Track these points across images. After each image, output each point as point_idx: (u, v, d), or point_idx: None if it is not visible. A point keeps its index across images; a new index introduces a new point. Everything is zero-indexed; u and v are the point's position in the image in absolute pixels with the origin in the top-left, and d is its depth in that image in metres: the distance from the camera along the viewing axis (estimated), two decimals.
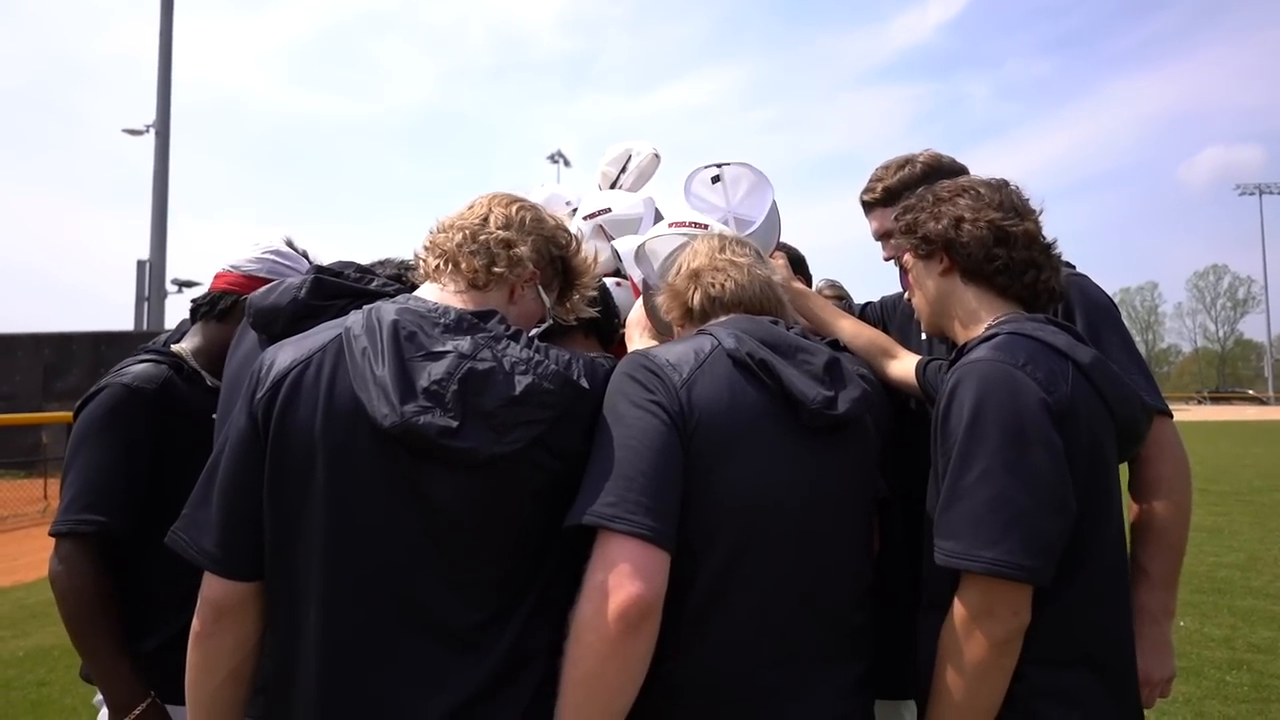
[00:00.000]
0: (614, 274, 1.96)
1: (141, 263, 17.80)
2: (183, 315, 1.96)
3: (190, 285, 18.83)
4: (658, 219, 2.02)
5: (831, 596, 1.23)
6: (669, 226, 1.75)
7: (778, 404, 1.21)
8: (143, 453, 1.64)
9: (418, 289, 1.31)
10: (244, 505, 1.16)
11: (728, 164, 1.91)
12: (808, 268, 2.44)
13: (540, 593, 1.18)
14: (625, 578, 1.05)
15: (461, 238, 1.28)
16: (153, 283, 17.58)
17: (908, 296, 1.56)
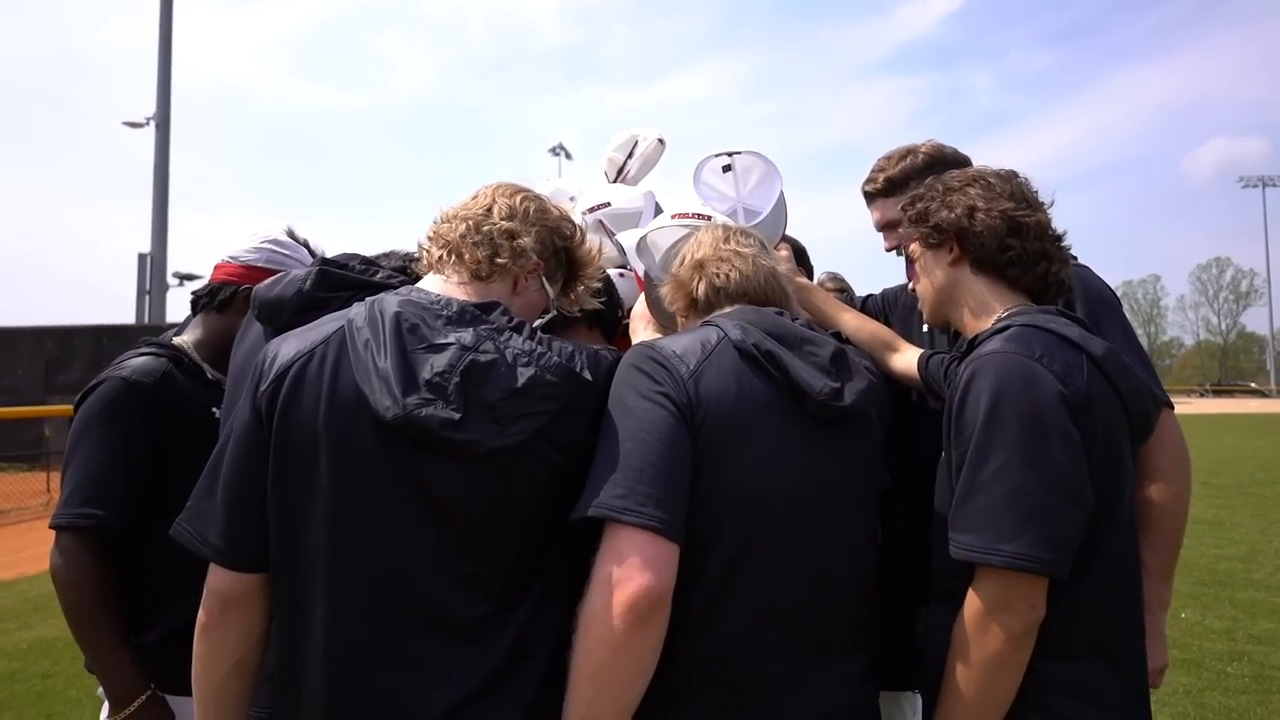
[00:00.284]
0: (618, 266, 1.95)
1: (142, 256, 17.80)
2: (184, 308, 1.96)
3: (191, 278, 18.86)
4: (658, 213, 2.00)
5: (838, 587, 1.23)
6: (671, 218, 1.74)
7: (784, 395, 1.20)
8: (141, 446, 1.64)
9: (421, 280, 1.31)
10: (248, 497, 1.16)
11: (739, 152, 1.89)
12: (809, 260, 2.43)
13: (544, 585, 1.18)
14: (635, 570, 1.05)
15: (465, 228, 1.27)
16: (154, 276, 17.58)
17: (912, 286, 1.55)
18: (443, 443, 1.08)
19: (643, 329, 1.65)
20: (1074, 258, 1.65)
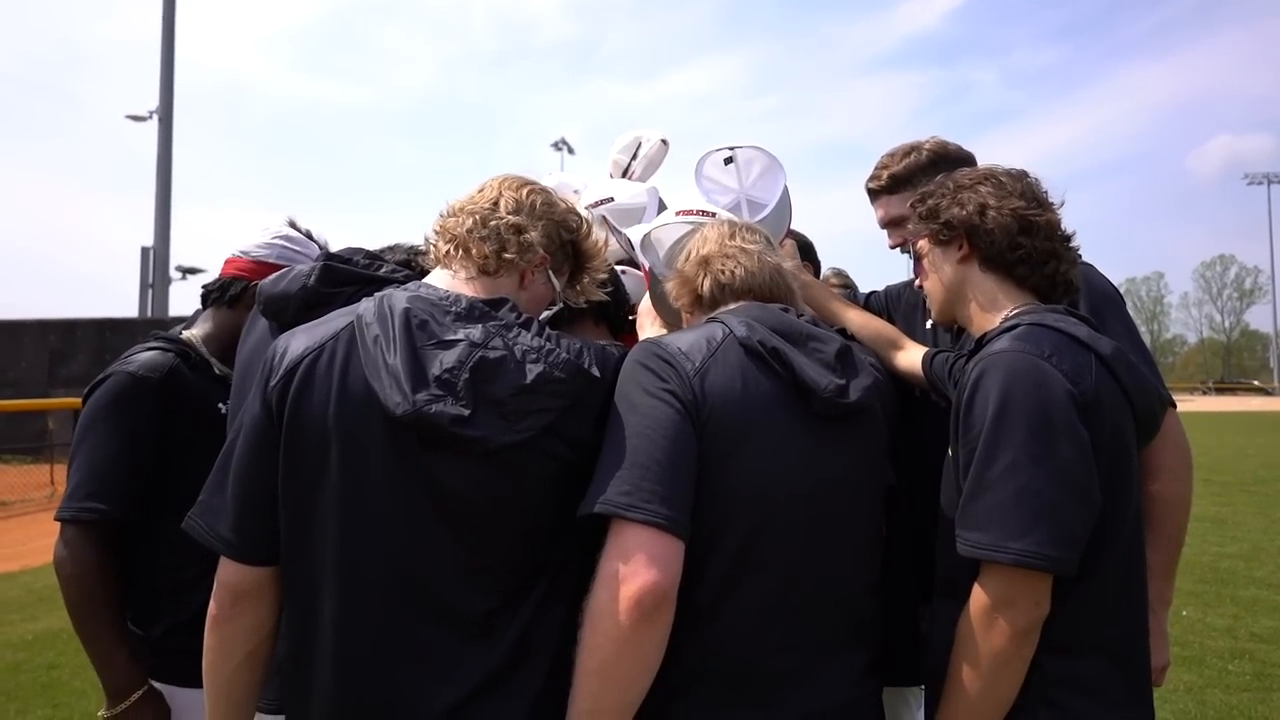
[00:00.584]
0: (624, 261, 1.95)
1: (145, 249, 17.80)
2: (187, 301, 1.96)
3: (194, 272, 18.86)
4: (661, 209, 2.00)
5: (843, 583, 1.24)
6: (676, 215, 1.74)
7: (790, 392, 1.21)
8: (147, 441, 1.65)
9: (428, 274, 1.31)
10: (259, 491, 1.17)
11: (740, 147, 1.89)
12: (815, 255, 2.43)
13: (550, 581, 1.18)
14: (640, 566, 1.06)
15: (472, 223, 1.27)
16: (157, 269, 17.60)
17: (919, 283, 1.55)
18: (452, 439, 1.09)
19: (649, 325, 1.65)
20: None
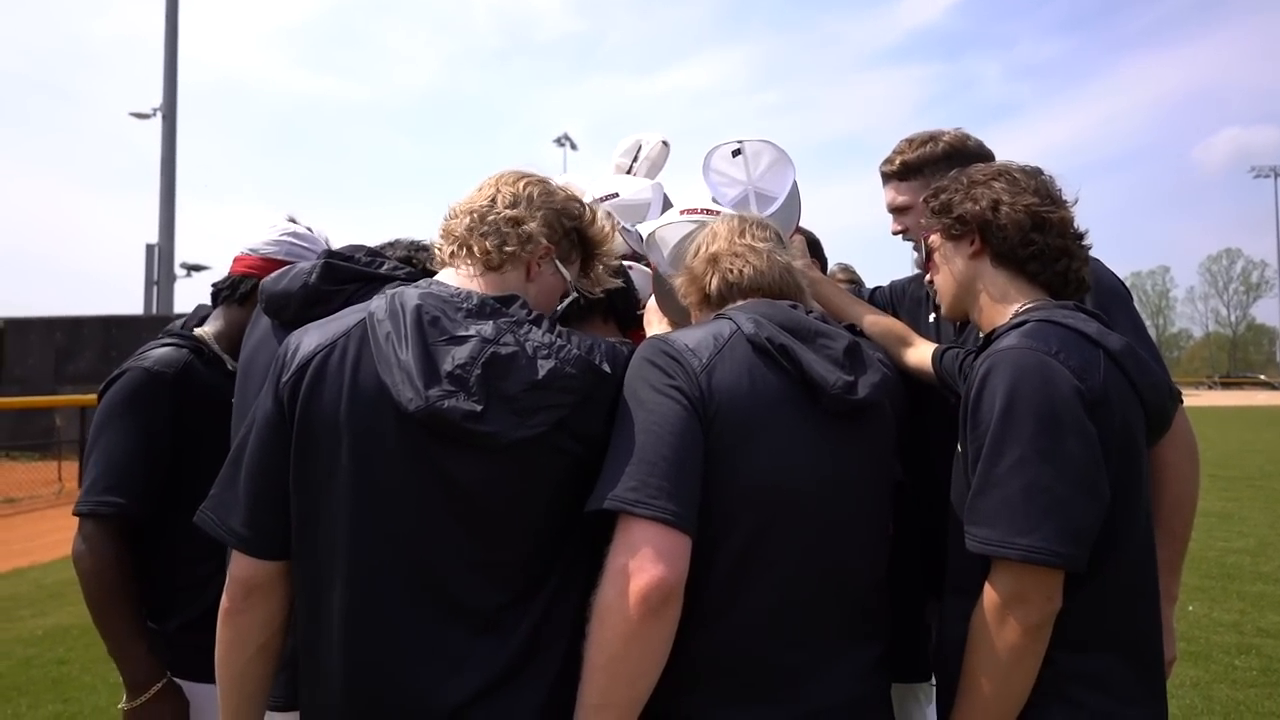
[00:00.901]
0: (631, 257, 1.95)
1: (150, 246, 17.87)
2: (191, 298, 1.98)
3: (199, 269, 18.92)
4: (666, 205, 2.00)
5: (850, 579, 1.24)
6: (680, 214, 1.74)
7: (797, 389, 1.21)
8: (163, 436, 1.66)
9: (429, 271, 1.31)
10: (271, 486, 1.18)
11: (748, 140, 1.89)
12: (823, 252, 2.43)
13: (561, 576, 1.19)
14: (648, 561, 1.06)
15: (471, 221, 1.27)
16: (161, 266, 17.66)
17: (929, 277, 1.55)
18: (464, 434, 1.10)
19: (656, 322, 1.66)
20: None
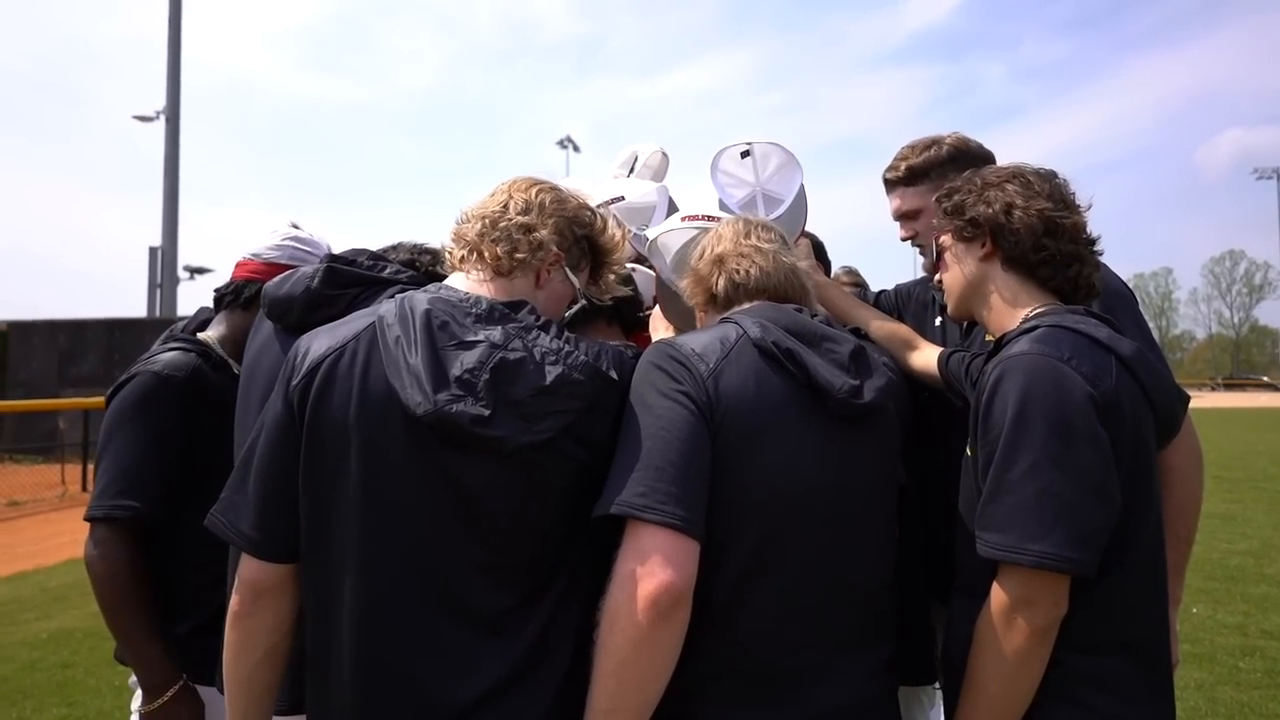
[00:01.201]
0: (635, 259, 1.95)
1: (153, 249, 17.89)
2: (194, 301, 1.98)
3: (202, 271, 18.98)
4: (672, 207, 2.01)
5: (857, 582, 1.25)
6: (682, 220, 1.74)
7: (804, 393, 1.21)
8: (174, 439, 1.67)
9: (431, 275, 1.32)
10: (280, 489, 1.19)
11: (757, 142, 1.89)
12: (826, 255, 2.43)
13: (567, 581, 1.20)
14: (656, 566, 1.07)
15: (482, 226, 1.28)
16: (165, 269, 17.67)
17: (938, 278, 1.54)
18: (472, 439, 1.10)
19: (662, 328, 1.66)
20: None
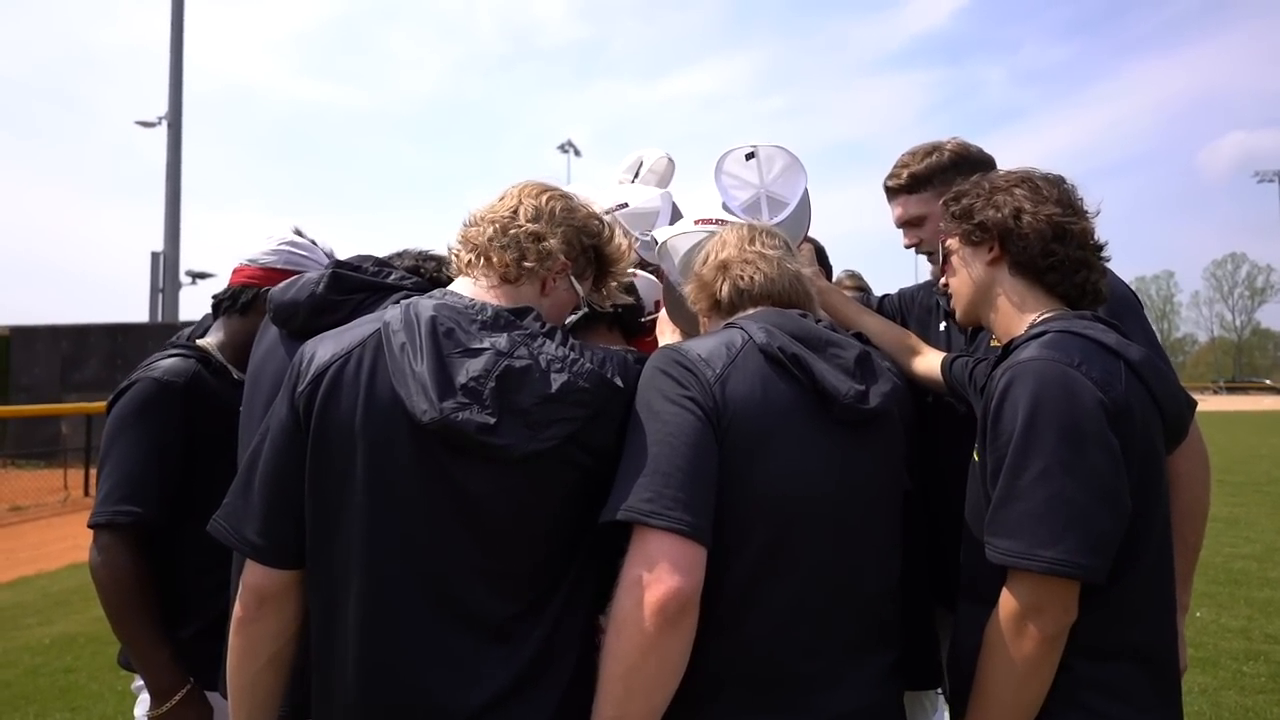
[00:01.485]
0: (639, 265, 1.96)
1: (155, 254, 17.94)
2: (197, 306, 1.98)
3: (204, 276, 19.02)
4: (675, 213, 2.01)
5: (864, 588, 1.24)
6: (694, 223, 1.74)
7: (810, 398, 1.21)
8: (175, 445, 1.67)
9: (452, 283, 1.32)
10: (285, 495, 1.18)
11: (761, 145, 1.90)
12: (828, 259, 2.44)
13: (571, 587, 1.20)
14: (664, 572, 1.07)
15: (492, 231, 1.28)
16: (167, 274, 17.72)
17: (944, 281, 1.54)
18: (477, 446, 1.10)
19: (669, 332, 1.66)
20: None
